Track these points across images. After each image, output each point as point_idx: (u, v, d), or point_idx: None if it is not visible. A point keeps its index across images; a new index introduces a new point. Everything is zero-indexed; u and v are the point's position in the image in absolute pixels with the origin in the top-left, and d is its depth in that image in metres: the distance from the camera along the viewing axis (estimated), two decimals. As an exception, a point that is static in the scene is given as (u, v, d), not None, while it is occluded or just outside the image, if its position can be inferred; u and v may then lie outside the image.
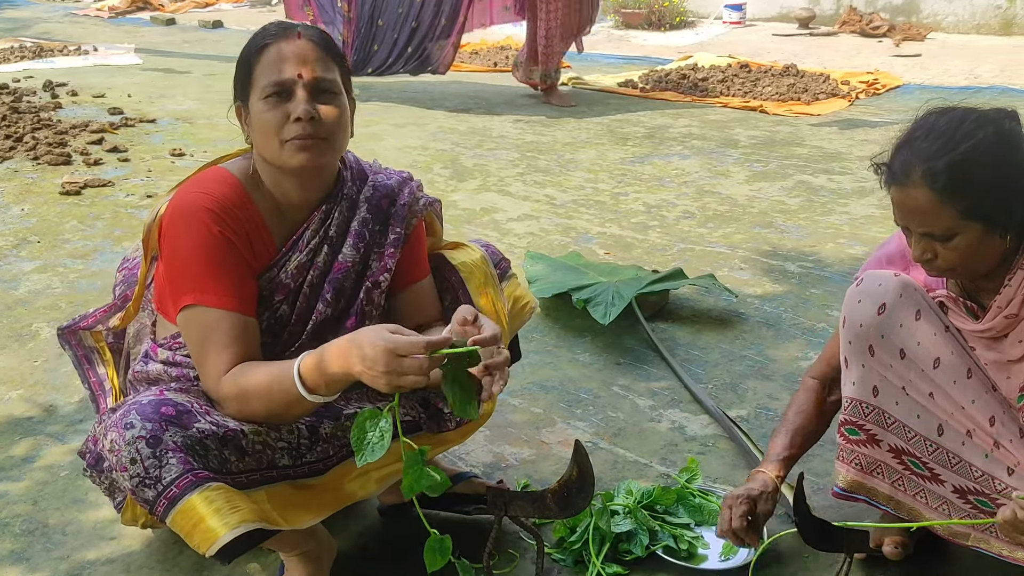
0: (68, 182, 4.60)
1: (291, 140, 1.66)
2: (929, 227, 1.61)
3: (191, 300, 1.65)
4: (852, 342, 1.74)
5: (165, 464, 1.51)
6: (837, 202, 4.49)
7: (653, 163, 5.25)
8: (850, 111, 6.57)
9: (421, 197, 1.89)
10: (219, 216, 1.66)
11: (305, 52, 1.67)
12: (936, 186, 1.57)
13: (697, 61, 8.18)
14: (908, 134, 1.66)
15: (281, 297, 1.74)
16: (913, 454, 1.75)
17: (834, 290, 3.40)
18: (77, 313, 3.15)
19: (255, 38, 1.72)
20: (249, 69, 1.69)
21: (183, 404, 1.60)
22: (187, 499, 1.50)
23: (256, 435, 1.66)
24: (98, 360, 2.05)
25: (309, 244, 1.75)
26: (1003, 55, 8.63)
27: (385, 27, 6.74)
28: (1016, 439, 1.71)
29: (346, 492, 1.78)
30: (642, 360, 2.89)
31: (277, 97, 1.65)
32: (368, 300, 1.80)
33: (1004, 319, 1.68)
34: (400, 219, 1.82)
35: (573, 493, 1.68)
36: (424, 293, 1.88)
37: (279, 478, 1.70)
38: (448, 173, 5.05)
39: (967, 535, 1.76)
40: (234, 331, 1.64)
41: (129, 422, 1.53)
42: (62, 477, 2.26)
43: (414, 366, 1.45)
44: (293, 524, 1.65)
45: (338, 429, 1.79)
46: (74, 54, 9.06)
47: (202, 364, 1.67)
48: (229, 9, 13.39)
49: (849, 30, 10.06)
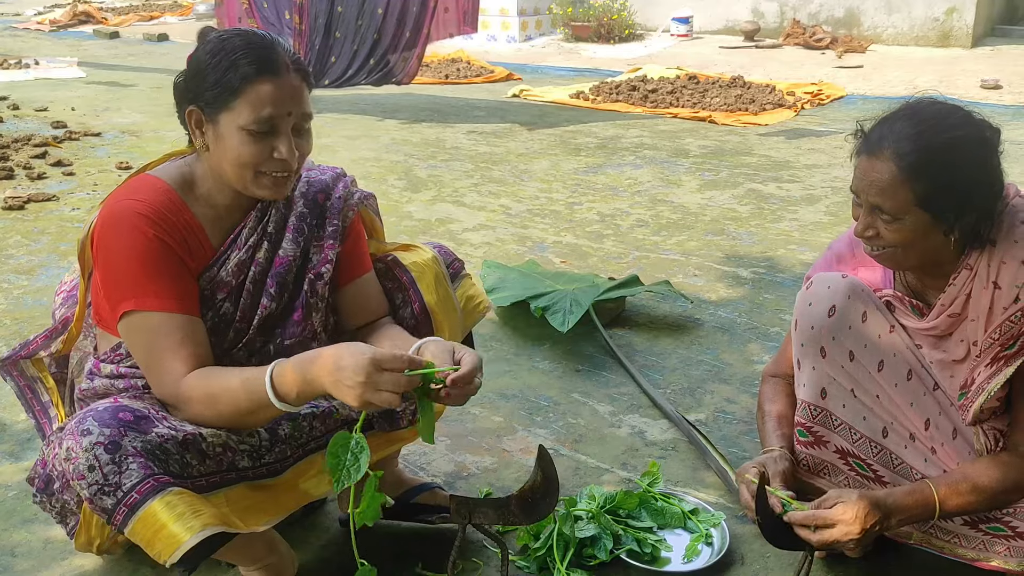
0: (10, 197, 4.49)
1: (270, 175, 1.64)
2: (882, 201, 1.61)
3: (131, 306, 1.62)
4: (804, 344, 1.76)
5: (125, 470, 1.48)
6: (787, 209, 4.57)
7: (606, 173, 5.29)
8: (796, 121, 6.70)
9: (355, 191, 1.88)
10: (152, 220, 1.62)
11: (296, 89, 1.63)
12: (902, 164, 1.58)
13: (646, 73, 8.28)
14: (893, 113, 1.66)
15: (223, 295, 1.72)
16: (858, 456, 1.78)
17: (786, 294, 3.45)
18: (23, 329, 3.08)
19: (239, 62, 1.59)
20: (229, 92, 1.59)
21: (140, 410, 1.57)
22: (148, 505, 1.47)
23: (216, 437, 1.64)
24: (41, 389, 2.00)
25: (248, 241, 1.73)
26: (941, 66, 8.89)
27: (343, 39, 6.71)
28: (948, 442, 1.76)
29: (301, 491, 1.77)
30: (601, 367, 2.90)
31: (260, 132, 1.61)
32: (312, 292, 1.79)
33: (948, 318, 1.70)
34: (336, 212, 1.82)
35: (538, 499, 1.68)
36: (368, 288, 1.88)
37: (238, 479, 1.69)
38: (402, 184, 5.03)
39: (910, 534, 1.80)
40: (181, 332, 1.62)
41: (86, 428, 1.49)
42: (10, 497, 2.18)
43: (391, 382, 1.44)
44: (252, 526, 1.63)
45: (295, 429, 1.78)
46: (15, 67, 8.86)
47: (154, 369, 1.63)
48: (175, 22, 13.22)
49: (793, 42, 10.28)
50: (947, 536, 1.77)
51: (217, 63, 1.60)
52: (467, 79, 8.67)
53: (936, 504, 1.64)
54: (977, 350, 1.68)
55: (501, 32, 11.06)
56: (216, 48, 1.62)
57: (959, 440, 1.76)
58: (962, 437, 1.76)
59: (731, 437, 2.48)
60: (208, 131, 1.65)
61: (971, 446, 1.75)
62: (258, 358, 1.75)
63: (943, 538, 1.78)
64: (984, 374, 1.66)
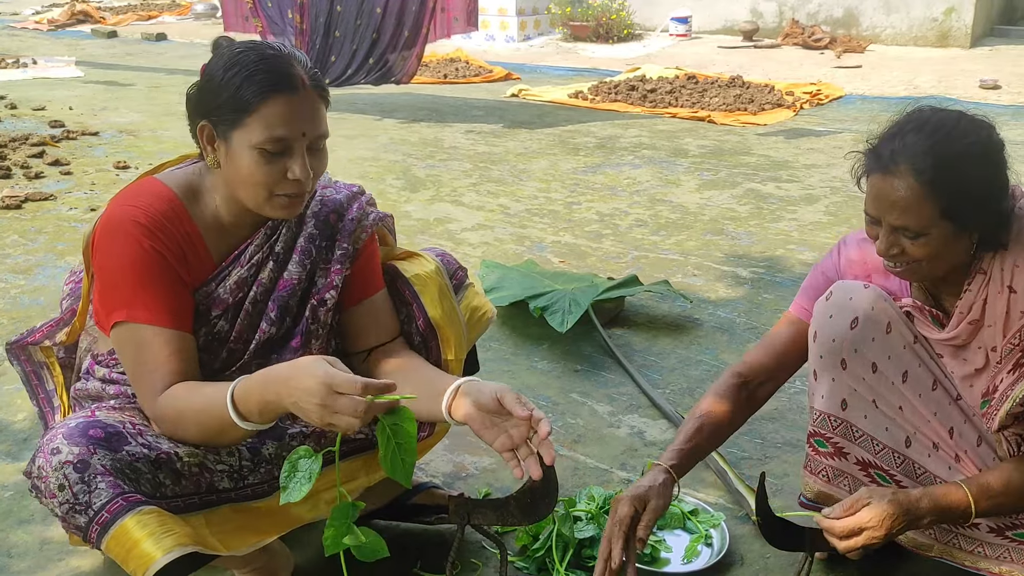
0: (8, 196, 4.48)
1: (282, 196, 1.59)
2: (905, 221, 1.57)
3: (122, 316, 1.58)
4: (824, 356, 1.71)
5: (94, 489, 1.44)
6: (786, 209, 4.57)
7: (605, 173, 5.28)
8: (795, 121, 6.69)
9: (371, 212, 1.82)
10: (150, 230, 1.58)
11: (312, 107, 1.57)
12: (922, 180, 1.54)
13: (645, 73, 8.27)
14: (899, 127, 1.62)
15: (218, 312, 1.67)
16: (880, 467, 1.75)
17: (785, 294, 3.44)
18: (20, 329, 3.07)
19: (254, 76, 1.53)
20: (244, 108, 1.53)
21: (113, 425, 1.53)
22: (120, 523, 1.43)
23: (192, 457, 1.60)
24: (47, 376, 1.98)
25: (252, 259, 1.68)
26: (940, 66, 8.89)
27: (343, 38, 6.71)
28: (972, 449, 1.73)
29: (293, 515, 1.70)
30: (600, 367, 2.89)
31: (273, 152, 1.55)
32: (314, 319, 1.74)
33: (968, 325, 1.66)
34: (347, 234, 1.76)
35: (537, 499, 1.67)
36: (378, 308, 1.82)
37: (219, 501, 1.64)
38: (400, 184, 5.02)
39: (931, 547, 1.77)
40: (168, 348, 1.57)
41: (55, 447, 1.46)
42: (7, 497, 2.18)
43: (349, 406, 1.37)
44: (233, 548, 1.58)
45: (282, 449, 1.72)
46: (12, 67, 8.84)
47: (138, 382, 1.60)
48: (173, 22, 13.22)
49: (792, 42, 10.28)
50: (971, 545, 1.73)
51: (230, 79, 1.54)
52: (465, 79, 8.67)
53: (971, 503, 1.60)
54: (997, 356, 1.64)
55: (500, 32, 11.06)
56: (230, 63, 1.56)
57: (984, 448, 1.73)
58: (987, 444, 1.73)
59: (730, 437, 2.47)
60: (220, 148, 1.59)
61: (996, 453, 1.72)
62: None
63: (966, 548, 1.74)
64: (1007, 381, 1.62)
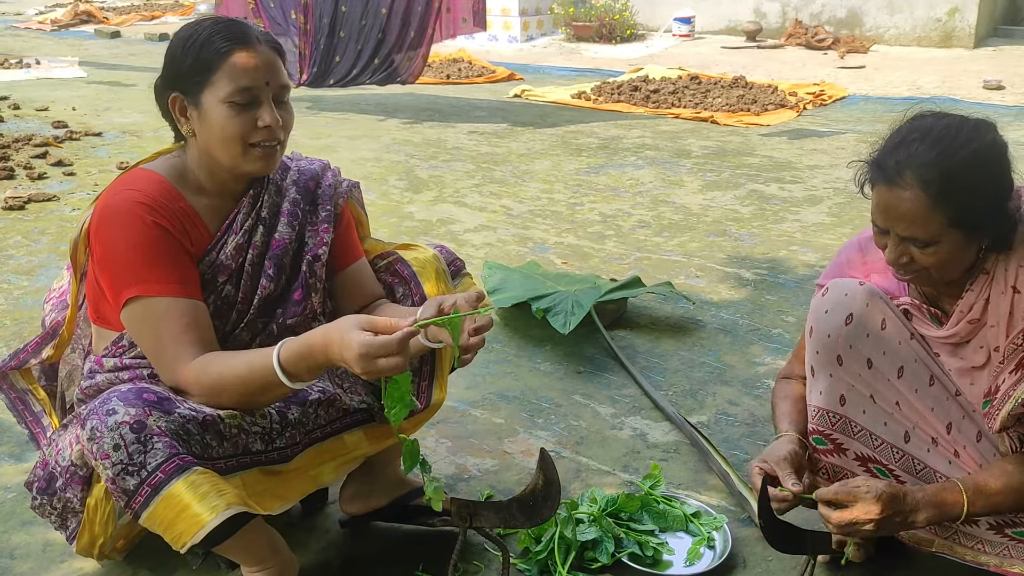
0: (11, 197, 4.48)
1: (257, 145, 1.70)
2: (914, 232, 1.57)
3: (135, 291, 1.64)
4: (820, 352, 1.72)
5: (151, 449, 1.50)
6: (789, 210, 4.56)
7: (608, 173, 5.28)
8: (798, 121, 6.68)
9: (342, 180, 1.96)
10: (151, 208, 1.67)
11: (271, 59, 1.71)
12: (930, 191, 1.54)
13: (648, 73, 8.27)
14: (901, 136, 1.62)
15: (224, 278, 1.76)
16: (879, 461, 1.75)
17: (788, 296, 3.44)
18: (22, 329, 3.07)
19: (212, 38, 1.68)
20: (207, 68, 1.67)
21: (162, 392, 1.60)
22: (172, 485, 1.50)
23: (232, 419, 1.67)
24: (32, 400, 2.00)
25: (243, 226, 1.78)
26: (943, 66, 8.88)
27: (347, 39, 6.71)
28: (971, 444, 1.73)
29: (311, 477, 1.82)
30: (602, 368, 2.89)
31: (242, 103, 1.67)
32: (311, 273, 1.84)
33: (967, 324, 1.67)
34: (328, 198, 1.89)
35: (539, 502, 1.67)
36: (363, 273, 1.95)
37: (252, 464, 1.72)
38: (403, 185, 5.02)
39: (931, 541, 1.77)
40: (186, 317, 1.65)
41: (111, 408, 1.51)
42: (10, 499, 2.18)
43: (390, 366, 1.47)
44: (267, 509, 1.67)
45: (303, 415, 1.81)
46: (15, 67, 8.86)
47: (162, 355, 1.65)
48: (175, 22, 13.23)
49: (795, 43, 10.27)
50: (971, 542, 1.73)
51: (190, 47, 1.68)
52: (468, 79, 8.66)
53: (964, 504, 1.60)
54: (999, 356, 1.64)
55: (503, 32, 11.06)
56: (187, 34, 1.70)
57: (984, 443, 1.73)
58: (987, 440, 1.73)
59: (733, 439, 2.47)
60: (192, 115, 1.70)
61: (996, 449, 1.72)
62: (260, 339, 1.79)
63: (966, 544, 1.74)
64: (1009, 380, 1.62)
